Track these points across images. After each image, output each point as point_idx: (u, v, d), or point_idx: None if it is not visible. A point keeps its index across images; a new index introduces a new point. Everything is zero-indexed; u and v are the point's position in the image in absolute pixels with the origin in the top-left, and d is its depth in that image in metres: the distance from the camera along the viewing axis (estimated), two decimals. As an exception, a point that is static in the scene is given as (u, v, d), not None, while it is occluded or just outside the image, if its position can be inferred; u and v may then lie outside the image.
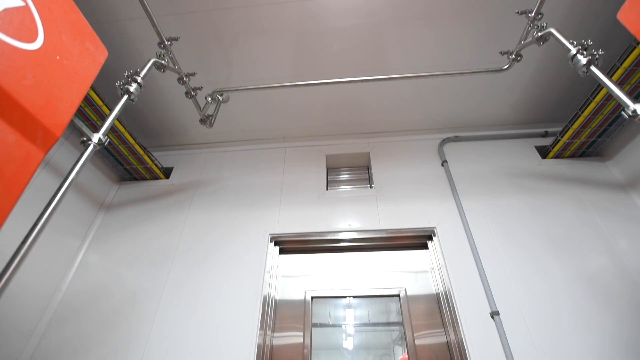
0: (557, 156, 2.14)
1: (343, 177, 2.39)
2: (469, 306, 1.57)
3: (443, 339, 1.61)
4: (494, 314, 1.51)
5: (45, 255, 1.79)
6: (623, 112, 0.90)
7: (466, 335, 1.48)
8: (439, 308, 1.69)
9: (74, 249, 1.96)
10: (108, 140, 1.01)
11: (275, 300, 1.79)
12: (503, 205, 1.93)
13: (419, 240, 1.92)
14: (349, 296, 1.82)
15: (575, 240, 1.76)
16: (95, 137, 0.97)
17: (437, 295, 1.73)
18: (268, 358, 1.59)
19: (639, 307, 1.52)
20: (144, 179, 2.36)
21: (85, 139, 0.96)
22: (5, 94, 0.59)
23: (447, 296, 1.65)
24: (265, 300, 1.71)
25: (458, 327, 1.52)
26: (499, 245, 1.76)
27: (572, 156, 2.15)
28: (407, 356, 1.58)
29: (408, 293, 1.76)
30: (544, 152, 2.20)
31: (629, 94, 0.91)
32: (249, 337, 1.58)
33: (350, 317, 2.02)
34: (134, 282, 1.84)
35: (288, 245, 1.98)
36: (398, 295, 1.77)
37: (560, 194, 1.96)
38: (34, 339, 1.68)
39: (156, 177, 2.34)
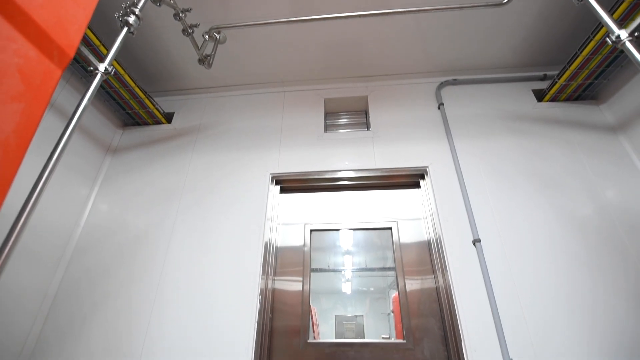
0: (553, 99, 2.16)
1: (341, 120, 2.44)
2: (453, 234, 1.72)
3: (429, 272, 1.78)
4: (476, 241, 1.66)
5: (62, 194, 1.92)
6: (607, 39, 0.93)
7: (449, 258, 1.65)
8: (428, 248, 1.85)
9: (87, 188, 2.09)
10: (114, 70, 1.06)
11: (276, 247, 1.92)
12: (493, 146, 2.01)
13: (412, 179, 2.03)
14: (346, 229, 1.97)
15: (559, 179, 1.86)
16: (102, 67, 1.02)
17: (428, 240, 1.86)
18: (270, 295, 1.76)
19: (612, 238, 1.66)
20: (146, 123, 2.41)
21: (92, 68, 1.01)
22: (21, 11, 0.64)
23: (435, 229, 1.79)
24: (267, 246, 1.85)
25: (443, 254, 1.69)
26: (485, 180, 1.87)
27: (568, 99, 2.17)
28: (397, 294, 1.75)
29: (399, 227, 1.91)
30: (540, 95, 2.21)
31: (616, 21, 0.94)
32: (253, 267, 1.76)
33: (348, 262, 2.19)
34: (144, 220, 1.98)
35: (288, 185, 2.10)
36: (390, 229, 1.92)
37: (551, 136, 2.02)
38: (61, 269, 1.87)
39: (158, 122, 2.40)
